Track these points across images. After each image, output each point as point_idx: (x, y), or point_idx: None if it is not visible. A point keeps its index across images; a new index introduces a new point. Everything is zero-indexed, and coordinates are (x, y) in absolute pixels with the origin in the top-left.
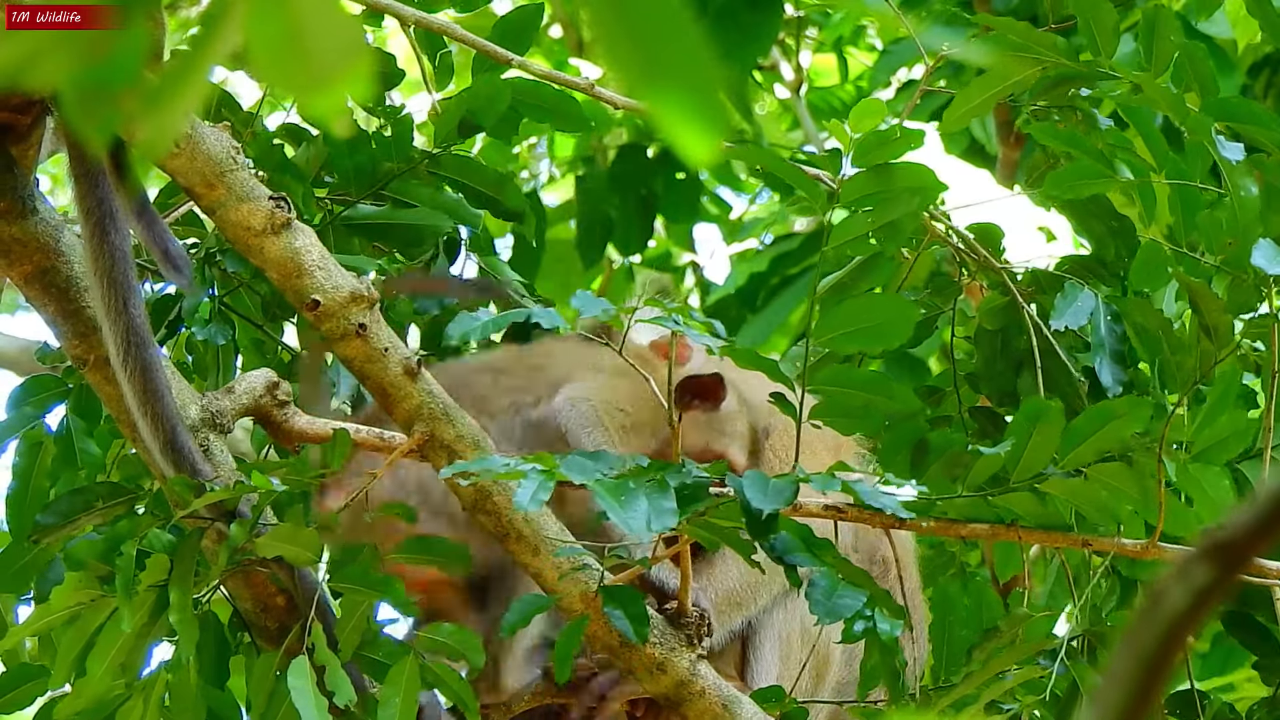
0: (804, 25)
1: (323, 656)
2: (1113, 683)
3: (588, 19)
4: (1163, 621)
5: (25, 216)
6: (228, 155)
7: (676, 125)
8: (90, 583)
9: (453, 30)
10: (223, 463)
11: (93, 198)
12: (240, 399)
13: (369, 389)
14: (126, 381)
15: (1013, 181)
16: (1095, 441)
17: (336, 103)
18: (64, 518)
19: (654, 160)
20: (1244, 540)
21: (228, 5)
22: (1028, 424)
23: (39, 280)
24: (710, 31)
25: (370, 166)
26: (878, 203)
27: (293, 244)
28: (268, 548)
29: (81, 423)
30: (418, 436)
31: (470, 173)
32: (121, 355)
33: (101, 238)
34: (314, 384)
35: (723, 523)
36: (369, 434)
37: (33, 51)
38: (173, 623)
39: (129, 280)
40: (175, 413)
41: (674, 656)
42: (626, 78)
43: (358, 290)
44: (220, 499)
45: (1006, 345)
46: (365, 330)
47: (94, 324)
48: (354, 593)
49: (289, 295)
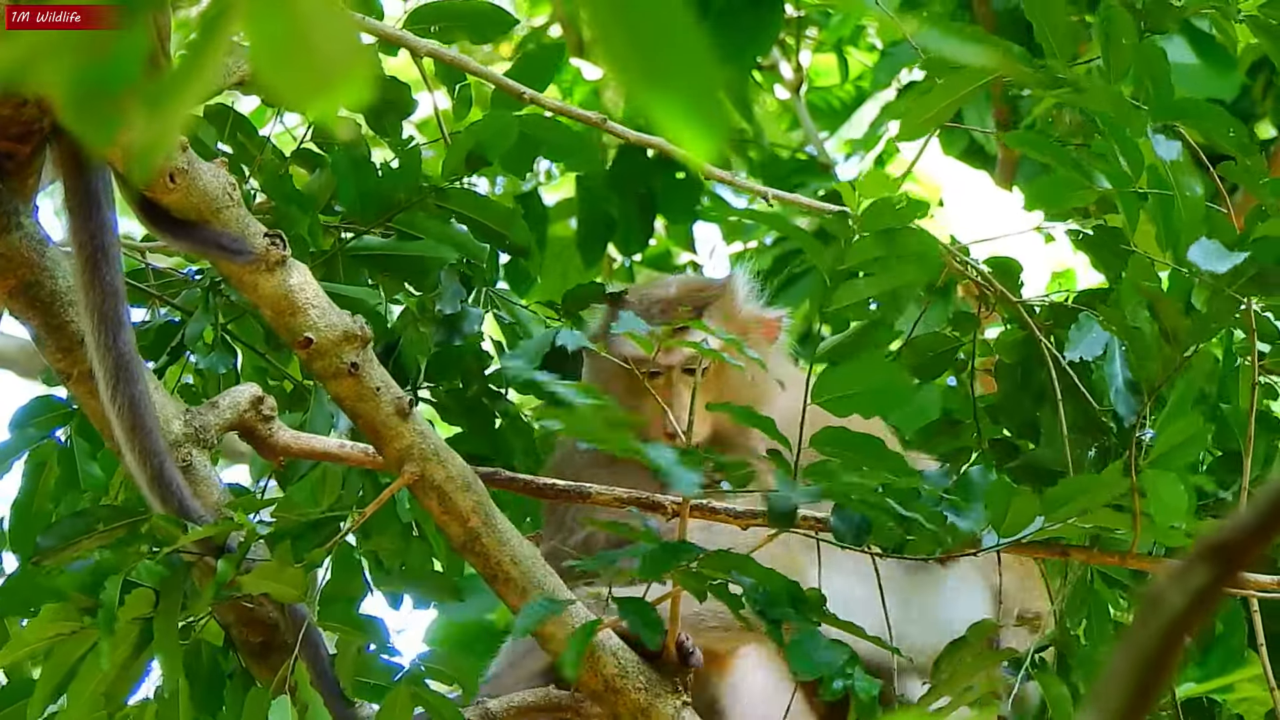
0: (804, 25)
1: (305, 695)
2: (1112, 683)
3: (587, 19)
4: (1161, 622)
5: (9, 231)
6: (223, 191)
7: (676, 126)
8: (70, 614)
9: (467, 64)
10: (205, 478)
11: (86, 231)
12: (224, 413)
13: (360, 427)
14: (115, 416)
15: (1012, 182)
16: (1068, 510)
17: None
18: (65, 540)
19: (654, 160)
20: (1242, 541)
21: (227, 6)
22: (1004, 496)
23: (23, 295)
24: (711, 31)
25: (378, 196)
26: (881, 269)
27: (286, 281)
28: (254, 585)
29: (85, 445)
30: (407, 476)
31: (478, 208)
32: (110, 390)
33: (94, 272)
34: None
35: (711, 574)
36: (354, 449)
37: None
38: (156, 658)
39: (119, 315)
40: (163, 448)
41: (659, 703)
42: (626, 78)
43: (350, 329)
44: (208, 535)
45: (1027, 377)
46: (358, 369)
47: (78, 338)
48: (342, 631)
49: (282, 333)
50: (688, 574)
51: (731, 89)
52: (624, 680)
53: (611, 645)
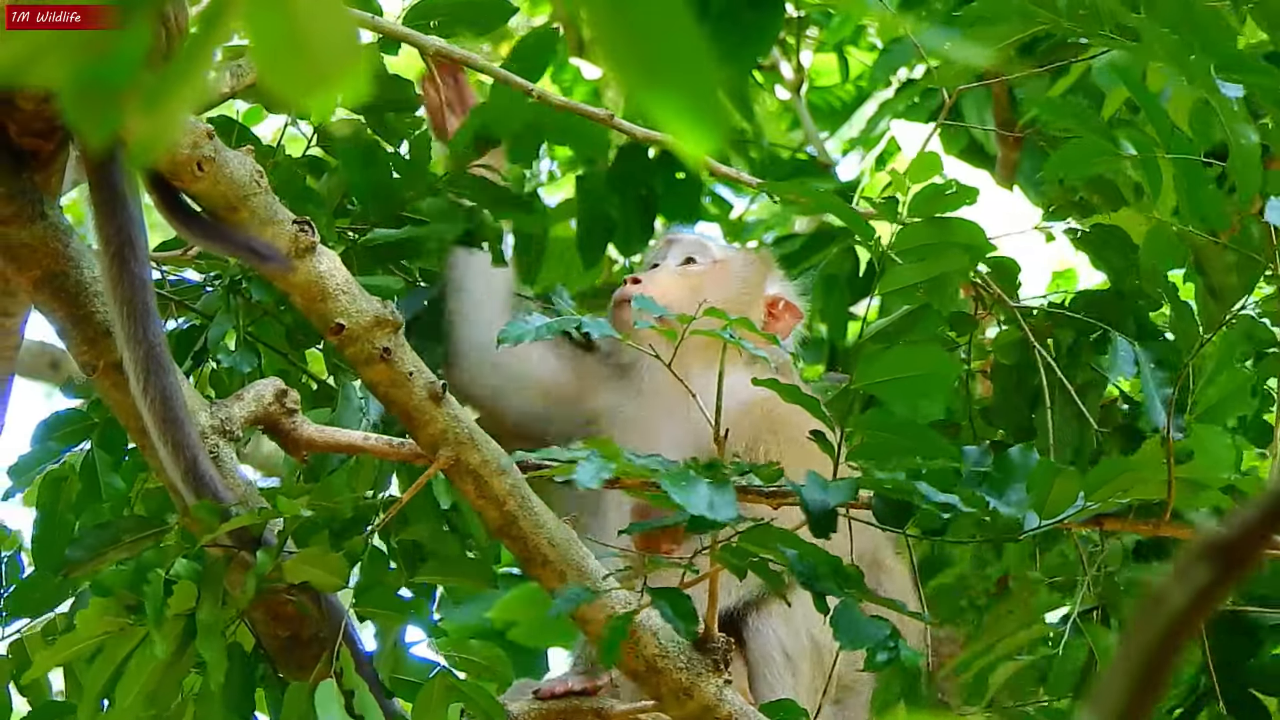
0: (804, 25)
1: (351, 681)
2: (1112, 683)
3: (587, 19)
4: (1163, 621)
5: (34, 221)
6: (251, 179)
7: (676, 125)
8: (117, 611)
9: (473, 60)
10: (232, 470)
11: (112, 225)
12: (249, 406)
13: (394, 413)
14: (147, 409)
15: (1012, 182)
16: (1108, 490)
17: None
18: (92, 552)
19: (654, 160)
20: (1244, 540)
21: (227, 4)
22: (1047, 477)
23: (48, 285)
24: (711, 31)
25: (389, 188)
26: (929, 254)
27: (317, 268)
28: (296, 572)
29: (106, 457)
30: (443, 460)
31: (488, 193)
32: (141, 383)
33: (121, 265)
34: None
35: (753, 549)
36: (378, 442)
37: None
38: (200, 651)
39: (148, 307)
40: (195, 440)
41: (700, 681)
42: (626, 78)
43: (382, 315)
44: (245, 524)
45: (1022, 381)
46: (390, 355)
47: (104, 329)
48: (382, 616)
49: (314, 319)
50: (728, 550)
51: (731, 89)
52: (665, 660)
53: (652, 625)
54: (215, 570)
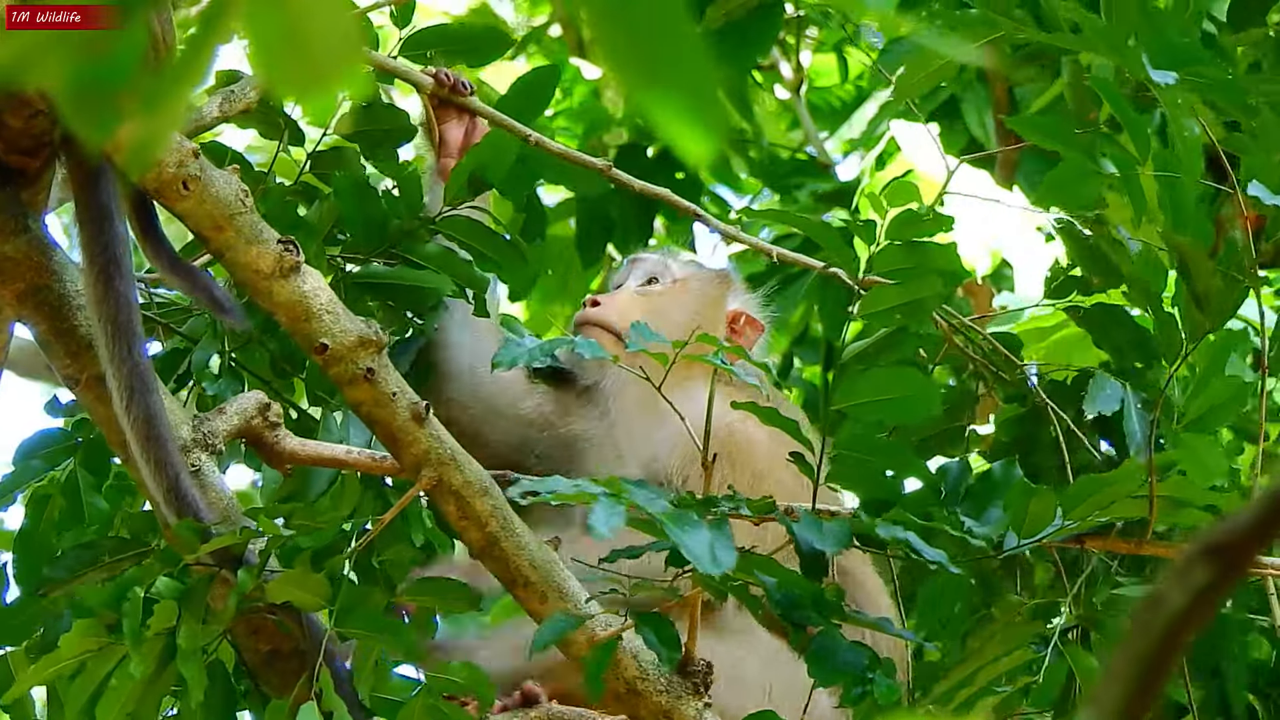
0: (804, 25)
1: (330, 702)
2: (1112, 683)
3: (587, 19)
4: (1162, 622)
5: (17, 235)
6: (236, 198)
7: (675, 125)
8: (98, 630)
9: (471, 103)
10: (214, 484)
11: (98, 243)
12: (231, 419)
13: (376, 434)
14: (130, 428)
15: (1012, 181)
16: (1087, 508)
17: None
18: (72, 572)
19: (654, 160)
20: (1242, 540)
21: (226, 4)
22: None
23: (31, 298)
24: (710, 32)
25: (381, 223)
26: (906, 278)
27: (301, 287)
28: (278, 592)
29: (90, 478)
30: (425, 481)
31: (479, 236)
32: (125, 402)
33: (106, 284)
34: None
35: (735, 575)
36: (361, 455)
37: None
38: (181, 670)
39: (133, 327)
40: (178, 459)
41: (681, 705)
42: (626, 78)
43: (366, 335)
44: (227, 544)
45: (1024, 459)
46: (373, 375)
47: (86, 343)
48: (363, 637)
49: (298, 339)
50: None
51: (731, 89)
52: (645, 683)
53: (632, 647)
54: (198, 589)
